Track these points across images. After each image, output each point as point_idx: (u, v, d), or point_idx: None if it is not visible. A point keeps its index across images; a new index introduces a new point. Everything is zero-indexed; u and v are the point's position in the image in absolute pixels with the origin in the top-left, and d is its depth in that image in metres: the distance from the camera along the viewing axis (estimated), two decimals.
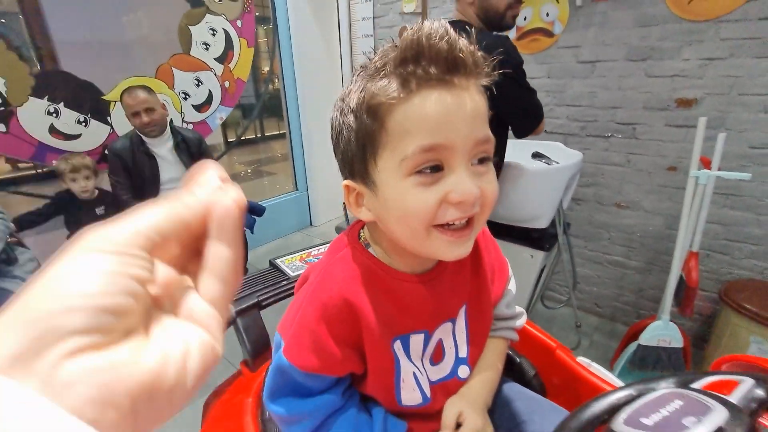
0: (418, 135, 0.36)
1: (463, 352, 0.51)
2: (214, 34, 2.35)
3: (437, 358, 0.50)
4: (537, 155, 1.60)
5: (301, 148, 3.05)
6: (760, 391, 0.29)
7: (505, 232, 1.56)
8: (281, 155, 3.38)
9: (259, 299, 0.69)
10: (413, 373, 0.48)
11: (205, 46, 2.33)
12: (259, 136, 3.54)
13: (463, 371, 0.51)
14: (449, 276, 0.48)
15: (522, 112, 1.19)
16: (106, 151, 1.92)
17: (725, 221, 1.57)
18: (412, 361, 0.48)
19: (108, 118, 2.06)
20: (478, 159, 0.39)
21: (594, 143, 1.78)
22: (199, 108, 2.38)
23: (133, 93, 1.74)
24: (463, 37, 0.37)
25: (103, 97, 2.02)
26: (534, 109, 1.21)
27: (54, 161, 1.86)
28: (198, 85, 2.34)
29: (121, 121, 2.01)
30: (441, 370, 0.50)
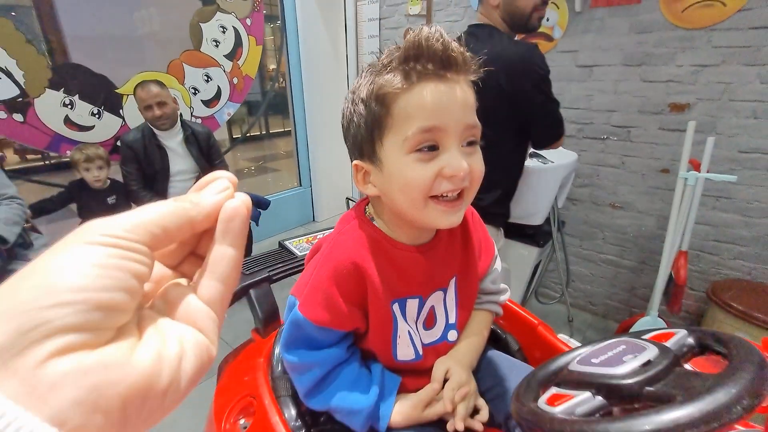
0: (418, 118, 0.43)
1: (452, 318, 0.58)
2: (224, 32, 2.42)
3: (430, 323, 0.57)
4: (533, 155, 1.66)
5: (306, 145, 3.12)
6: (690, 339, 0.35)
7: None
8: (285, 152, 3.44)
9: (270, 274, 0.76)
10: (408, 332, 0.54)
11: (215, 43, 2.40)
12: (263, 133, 3.61)
13: (452, 335, 0.58)
14: (442, 248, 0.55)
15: (546, 123, 1.16)
16: (118, 143, 1.99)
17: (715, 223, 1.62)
18: (407, 322, 0.54)
19: (120, 111, 2.12)
20: (467, 141, 0.46)
21: (590, 145, 1.84)
22: (207, 103, 2.45)
23: (146, 87, 1.81)
24: (455, 41, 0.43)
25: (116, 90, 2.09)
26: (558, 122, 1.18)
27: (68, 151, 1.93)
28: (207, 81, 2.41)
29: (132, 113, 2.08)
30: (433, 335, 0.57)
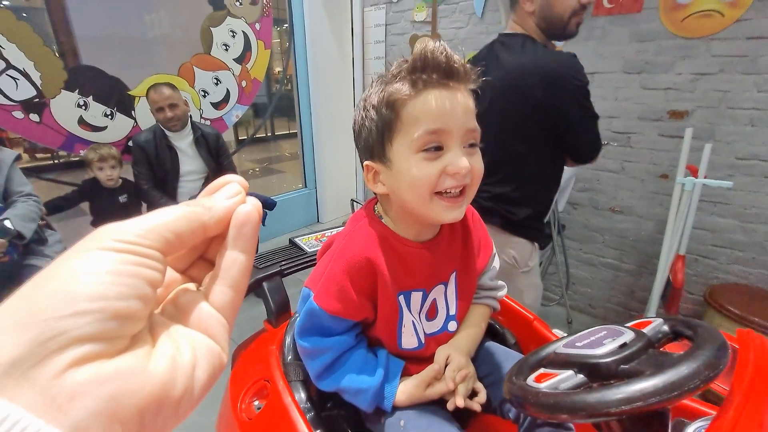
0: (425, 121, 0.48)
1: (452, 310, 0.62)
2: (233, 36, 2.49)
3: (432, 315, 0.61)
4: None
5: (312, 147, 3.17)
6: (665, 327, 0.39)
7: None
8: (290, 154, 3.50)
9: (282, 268, 0.81)
10: (412, 321, 0.59)
11: (225, 47, 2.46)
12: (269, 135, 3.67)
13: (452, 325, 0.62)
14: (444, 244, 0.59)
15: (584, 138, 1.07)
16: (130, 143, 2.04)
17: (713, 228, 1.65)
18: (411, 313, 0.59)
19: (132, 112, 2.18)
20: (468, 143, 0.51)
21: None
22: (216, 105, 2.51)
23: (158, 89, 1.87)
24: (452, 50, 0.48)
25: (128, 92, 2.15)
26: (596, 137, 1.09)
27: (81, 151, 1.99)
28: (217, 84, 2.47)
29: (144, 115, 2.14)
30: (434, 325, 0.62)
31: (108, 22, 2.10)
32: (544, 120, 1.04)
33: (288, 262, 0.81)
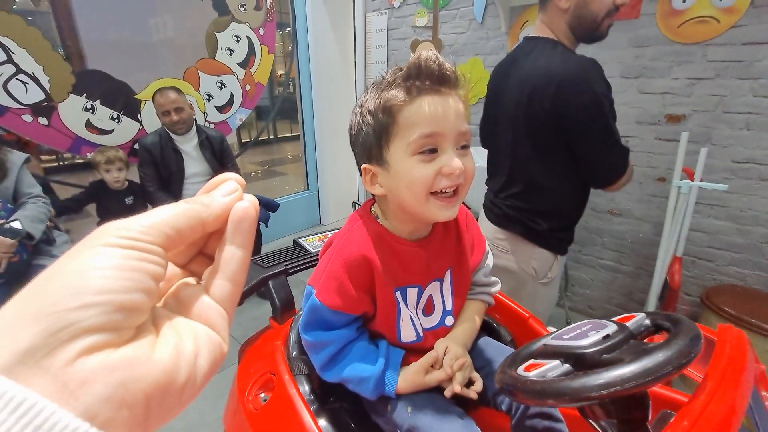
0: (420, 126, 0.51)
1: (448, 306, 0.65)
2: (238, 41, 2.53)
3: (429, 310, 0.64)
4: None
5: (314, 150, 3.21)
6: (647, 321, 0.41)
7: None
8: (292, 156, 3.54)
9: (287, 268, 0.84)
10: (409, 316, 0.62)
11: (229, 52, 2.50)
12: (272, 137, 3.71)
13: (449, 320, 0.65)
14: (438, 242, 0.63)
15: (597, 159, 0.98)
16: (136, 146, 2.08)
17: (710, 230, 1.67)
18: (408, 308, 0.62)
19: (138, 116, 2.22)
20: (461, 146, 0.54)
21: None
22: (221, 109, 2.55)
23: (164, 93, 1.91)
24: (446, 59, 0.51)
25: (135, 96, 2.19)
26: (612, 161, 0.97)
27: (88, 154, 2.03)
28: (221, 88, 2.51)
29: (149, 118, 2.18)
30: (432, 320, 0.65)
31: (114, 27, 2.14)
32: (555, 132, 0.97)
33: (292, 261, 0.84)
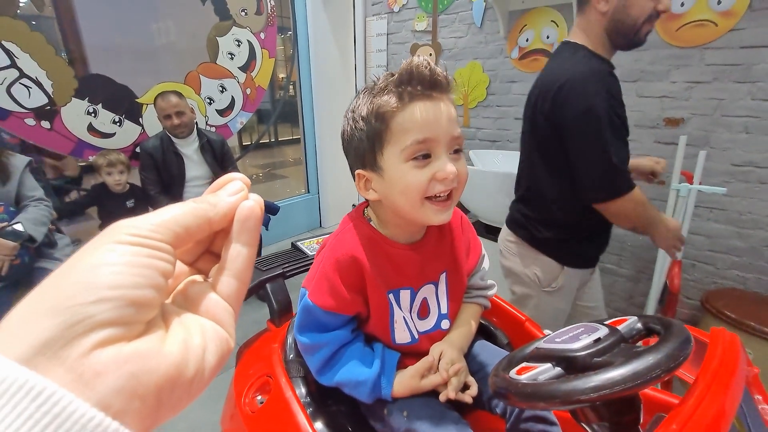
0: (413, 131, 0.51)
1: (444, 309, 0.65)
2: (239, 45, 2.55)
3: (424, 313, 0.64)
4: None
5: (314, 153, 3.22)
6: (639, 325, 0.42)
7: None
8: (293, 159, 3.55)
9: (284, 270, 0.84)
10: (403, 317, 0.62)
11: (230, 56, 2.52)
12: (273, 141, 3.73)
13: (445, 324, 0.66)
14: (431, 246, 0.63)
15: (583, 172, 0.94)
16: (137, 149, 2.09)
17: (709, 233, 1.67)
18: (402, 310, 0.62)
19: (140, 119, 2.24)
20: (453, 150, 0.54)
21: None
22: (222, 112, 2.56)
23: (166, 97, 1.92)
24: (438, 64, 0.52)
25: (136, 99, 2.21)
26: (597, 170, 0.92)
27: (90, 157, 2.04)
28: (222, 92, 2.53)
29: (151, 122, 2.19)
30: (427, 323, 0.65)
31: (117, 32, 2.16)
32: (553, 138, 0.96)
33: (290, 264, 0.85)
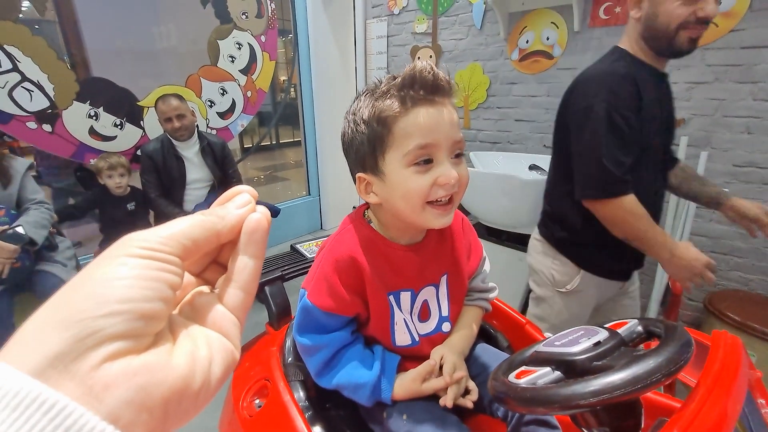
0: (415, 136, 0.51)
1: (445, 312, 0.65)
2: (239, 48, 2.55)
3: (425, 316, 0.64)
4: (534, 167, 1.73)
5: (315, 155, 3.22)
6: (639, 328, 0.41)
7: (503, 237, 1.68)
8: (294, 162, 3.55)
9: (283, 273, 0.84)
10: (404, 320, 0.62)
11: (231, 59, 2.52)
12: (274, 143, 3.73)
13: (446, 326, 0.65)
14: (432, 248, 0.62)
15: (579, 169, 0.95)
16: (138, 152, 2.10)
17: (712, 234, 1.66)
18: (402, 312, 0.62)
19: (141, 122, 2.24)
20: (455, 154, 0.54)
21: None
22: (222, 115, 2.57)
23: (167, 100, 1.93)
24: (441, 68, 0.51)
25: (138, 103, 2.22)
26: (587, 168, 0.92)
27: (91, 160, 2.05)
28: (223, 94, 2.53)
29: (152, 125, 2.20)
30: (428, 326, 0.64)
31: (118, 35, 2.17)
32: (562, 138, 0.97)
33: (289, 267, 0.84)
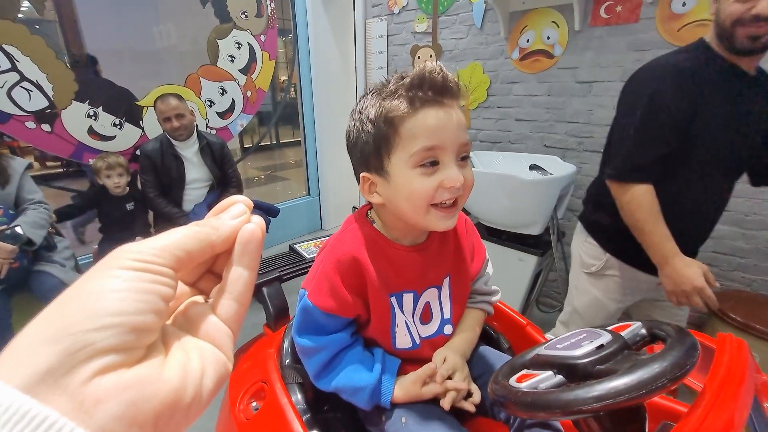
0: (422, 138, 0.50)
1: (447, 314, 0.64)
2: (239, 48, 2.55)
3: (426, 318, 0.63)
4: (534, 167, 1.72)
5: (315, 155, 3.22)
6: (643, 331, 0.40)
7: (504, 237, 1.67)
8: (294, 161, 3.55)
9: (281, 274, 0.83)
10: (405, 322, 0.61)
11: (230, 58, 2.52)
12: (274, 143, 3.72)
13: (448, 329, 0.64)
14: (435, 249, 0.62)
15: (613, 146, 1.03)
16: (137, 152, 2.09)
17: (714, 234, 1.63)
18: (404, 314, 0.61)
19: (140, 122, 2.24)
20: (461, 157, 0.53)
21: (590, 158, 1.88)
22: (222, 115, 2.56)
23: (165, 100, 1.92)
24: (447, 70, 0.51)
25: (137, 102, 2.21)
26: (618, 147, 1.01)
27: (90, 160, 2.04)
28: (222, 94, 2.52)
29: (151, 124, 2.19)
30: (430, 329, 0.63)
31: (118, 35, 2.17)
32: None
33: (287, 267, 0.84)
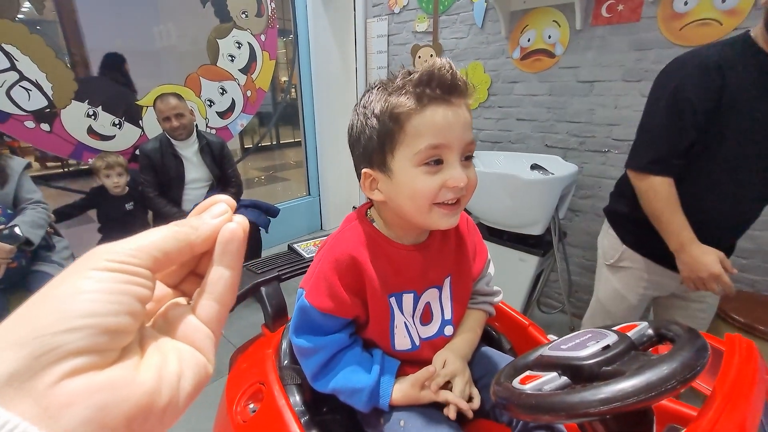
0: (428, 136, 0.49)
1: (447, 315, 0.63)
2: (239, 47, 2.54)
3: (426, 319, 0.62)
4: (535, 167, 1.71)
5: (315, 155, 3.21)
6: (650, 331, 0.39)
7: (505, 237, 1.66)
8: (294, 162, 3.54)
9: (279, 273, 0.82)
10: (404, 323, 0.60)
11: (230, 58, 2.51)
12: (274, 143, 3.72)
13: (448, 330, 0.63)
14: (435, 248, 0.61)
15: (638, 133, 1.04)
16: (137, 152, 2.08)
17: None
18: (404, 315, 0.60)
19: (140, 122, 2.23)
20: (465, 156, 0.52)
21: (592, 158, 1.88)
22: (222, 115, 2.55)
23: (165, 100, 1.91)
24: (456, 68, 0.49)
25: (136, 102, 2.20)
26: (640, 136, 1.03)
27: (90, 159, 2.03)
28: (222, 94, 2.52)
29: (151, 124, 2.18)
30: (430, 330, 0.62)
31: (118, 35, 2.16)
32: None
33: (286, 267, 0.83)
